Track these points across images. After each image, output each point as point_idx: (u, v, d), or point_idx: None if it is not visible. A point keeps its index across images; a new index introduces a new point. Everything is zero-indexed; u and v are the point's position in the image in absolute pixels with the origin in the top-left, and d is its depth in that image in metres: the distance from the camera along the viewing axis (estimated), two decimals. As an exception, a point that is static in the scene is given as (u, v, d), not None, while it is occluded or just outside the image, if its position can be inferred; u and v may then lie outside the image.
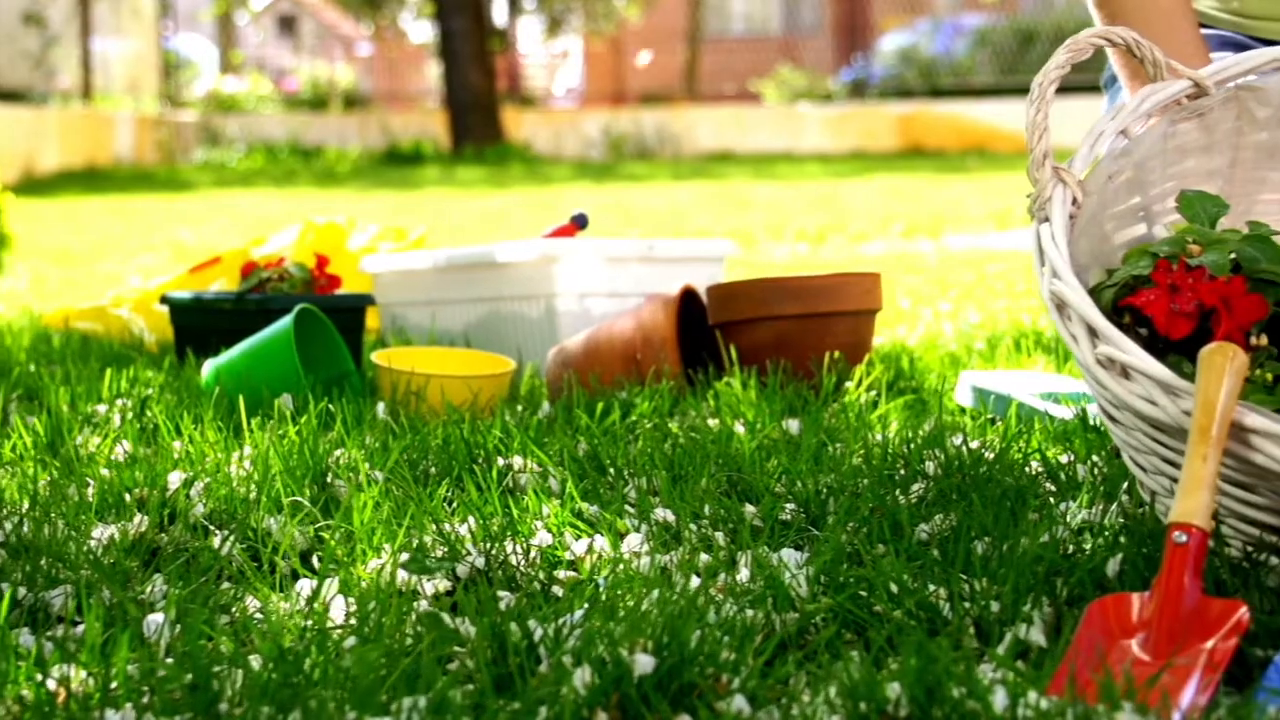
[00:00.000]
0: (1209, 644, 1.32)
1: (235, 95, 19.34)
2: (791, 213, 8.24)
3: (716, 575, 1.61)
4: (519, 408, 2.32)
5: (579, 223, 3.04)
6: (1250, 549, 1.51)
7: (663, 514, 1.75)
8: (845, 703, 1.28)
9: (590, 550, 1.68)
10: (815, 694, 1.31)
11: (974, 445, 2.02)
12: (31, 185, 12.49)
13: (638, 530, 1.74)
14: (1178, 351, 1.57)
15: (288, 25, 33.75)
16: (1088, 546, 1.62)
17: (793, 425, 2.15)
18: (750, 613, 1.49)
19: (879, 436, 2.07)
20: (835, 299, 2.41)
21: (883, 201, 8.88)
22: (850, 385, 2.34)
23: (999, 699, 1.24)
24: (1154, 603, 1.36)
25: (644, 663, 1.31)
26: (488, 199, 10.36)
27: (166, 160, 17.03)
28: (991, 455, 1.97)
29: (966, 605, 1.49)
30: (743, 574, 1.60)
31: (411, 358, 2.40)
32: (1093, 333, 1.51)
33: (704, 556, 1.64)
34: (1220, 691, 1.31)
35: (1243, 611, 1.33)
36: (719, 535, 1.71)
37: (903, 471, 1.93)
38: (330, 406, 2.12)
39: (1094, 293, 1.61)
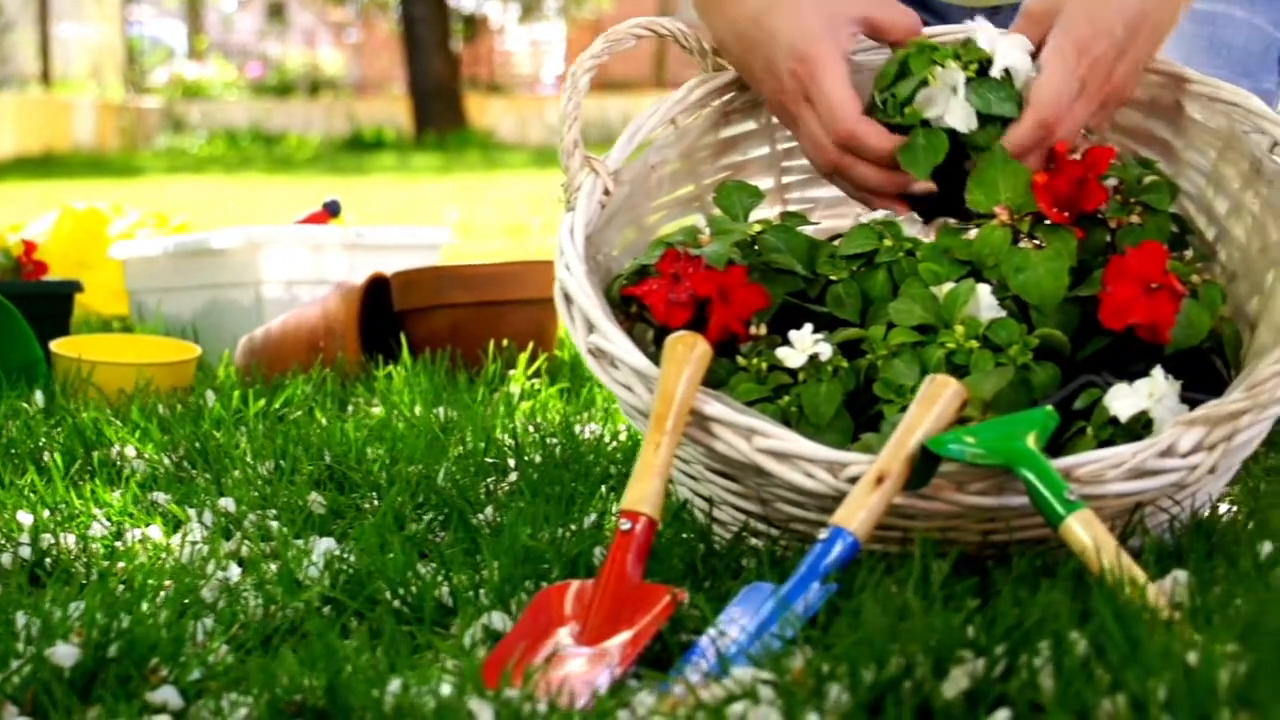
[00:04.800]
0: (632, 631, 1.33)
1: (200, 81, 19.34)
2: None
3: (257, 565, 1.62)
4: (185, 397, 2.34)
5: (331, 210, 3.06)
6: (739, 534, 1.52)
7: (225, 503, 1.76)
8: (264, 695, 1.29)
9: (143, 540, 1.69)
10: (253, 686, 1.32)
11: (593, 431, 2.04)
12: (-18, 171, 12.51)
13: (200, 520, 1.75)
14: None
15: (276, 12, 33.77)
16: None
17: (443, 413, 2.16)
18: (252, 601, 1.50)
19: (512, 423, 2.08)
20: (510, 287, 2.42)
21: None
22: (514, 373, 2.36)
23: (392, 689, 1.25)
24: (596, 590, 1.38)
25: (64, 654, 1.32)
26: (430, 186, 10.35)
27: (128, 147, 17.04)
28: (606, 440, 1.99)
29: (469, 595, 1.50)
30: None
31: (98, 345, 2.41)
32: (589, 323, 1.52)
33: (246, 546, 1.65)
34: (631, 675, 1.31)
35: (668, 598, 1.34)
36: (274, 525, 1.72)
37: (512, 461, 1.94)
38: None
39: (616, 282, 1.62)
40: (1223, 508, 1.59)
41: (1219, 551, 1.39)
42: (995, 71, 1.58)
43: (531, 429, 2.07)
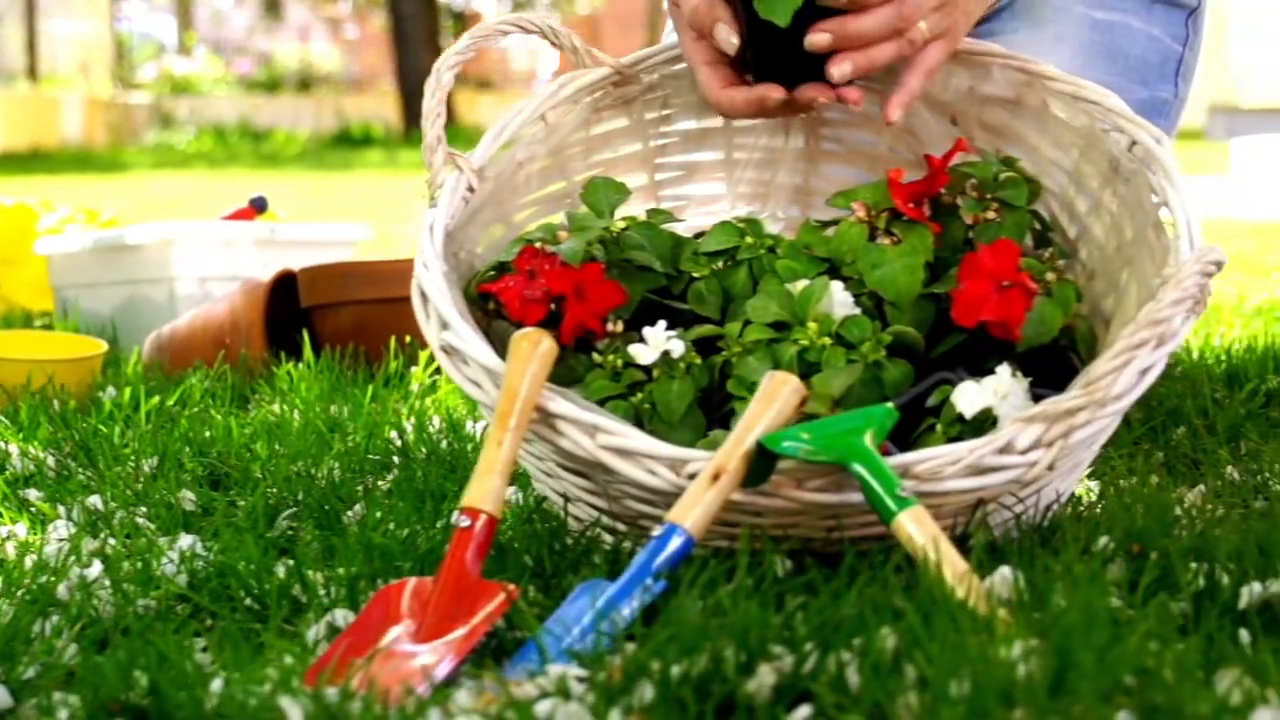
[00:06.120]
0: (465, 628, 1.33)
1: (189, 77, 19.31)
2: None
3: (119, 562, 1.61)
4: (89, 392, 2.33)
5: (257, 206, 3.05)
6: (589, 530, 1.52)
7: (94, 500, 1.76)
8: (88, 695, 1.28)
9: (9, 537, 1.69)
10: (81, 684, 1.31)
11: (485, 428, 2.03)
12: (-32, 167, 12.48)
13: (70, 517, 1.74)
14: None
15: (271, 7, 33.75)
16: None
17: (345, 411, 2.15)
18: (105, 599, 1.49)
19: (400, 420, 2.08)
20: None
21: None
22: (416, 370, 2.35)
23: (214, 688, 1.25)
24: (434, 587, 1.37)
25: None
26: (416, 182, 10.31)
27: (116, 143, 17.02)
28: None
29: (322, 594, 1.50)
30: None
31: (3, 342, 2.41)
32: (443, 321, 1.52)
33: (110, 543, 1.65)
34: (462, 673, 1.31)
35: (502, 596, 1.34)
36: (143, 521, 1.72)
37: (397, 458, 1.94)
38: None
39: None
40: (1086, 501, 1.59)
41: (1052, 548, 1.39)
42: None
43: (422, 426, 2.06)
